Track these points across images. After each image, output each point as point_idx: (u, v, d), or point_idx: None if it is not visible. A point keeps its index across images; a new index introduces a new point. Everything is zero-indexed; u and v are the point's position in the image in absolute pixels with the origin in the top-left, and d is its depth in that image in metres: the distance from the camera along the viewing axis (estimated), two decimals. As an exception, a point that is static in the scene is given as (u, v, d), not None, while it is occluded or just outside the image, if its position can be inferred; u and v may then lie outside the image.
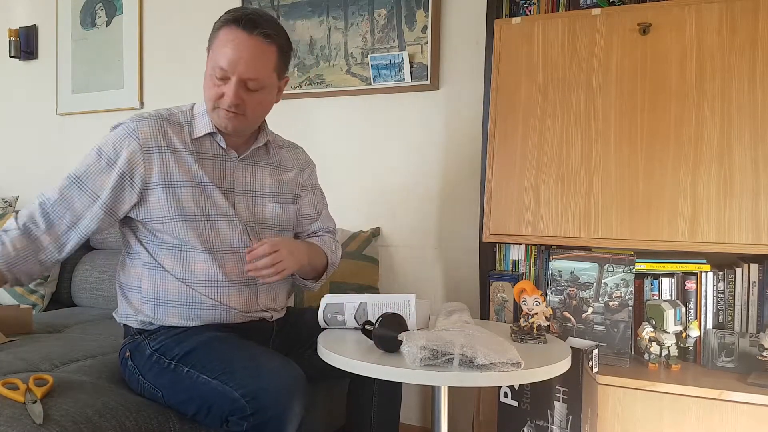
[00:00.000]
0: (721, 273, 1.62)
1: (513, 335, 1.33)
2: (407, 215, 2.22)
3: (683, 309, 1.62)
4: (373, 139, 2.27)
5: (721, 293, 1.62)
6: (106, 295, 2.33)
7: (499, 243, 1.88)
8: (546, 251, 1.81)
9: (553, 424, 1.46)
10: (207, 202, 1.37)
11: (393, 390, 1.57)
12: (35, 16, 3.01)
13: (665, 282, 1.66)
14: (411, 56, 2.13)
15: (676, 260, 1.65)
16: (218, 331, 1.35)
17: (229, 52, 1.29)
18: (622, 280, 1.61)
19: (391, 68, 2.14)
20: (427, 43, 2.12)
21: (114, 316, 1.46)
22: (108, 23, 2.80)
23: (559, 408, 1.45)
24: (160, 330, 1.37)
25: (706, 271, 1.63)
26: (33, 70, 3.03)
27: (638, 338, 1.61)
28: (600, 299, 1.63)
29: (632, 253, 1.62)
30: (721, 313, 1.62)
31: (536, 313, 1.32)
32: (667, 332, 1.58)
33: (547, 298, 1.68)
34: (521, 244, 1.86)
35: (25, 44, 2.99)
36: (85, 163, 1.33)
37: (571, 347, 1.32)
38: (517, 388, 1.53)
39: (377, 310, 1.32)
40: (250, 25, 1.29)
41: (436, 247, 2.18)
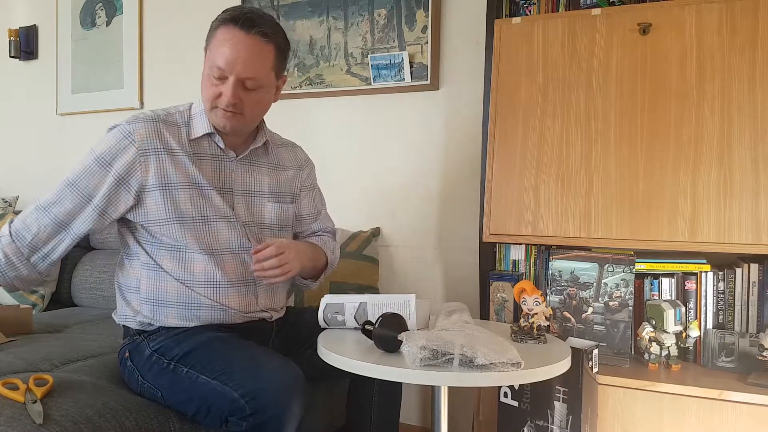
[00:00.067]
0: (721, 273, 1.62)
1: (513, 335, 1.33)
2: (407, 215, 2.22)
3: (683, 309, 1.62)
4: (373, 139, 2.27)
5: (721, 293, 1.62)
6: (106, 295, 2.33)
7: (499, 243, 1.88)
8: (546, 251, 1.81)
9: (553, 424, 1.46)
10: (204, 204, 1.36)
11: (393, 390, 1.57)
12: (35, 16, 3.01)
13: (665, 282, 1.66)
14: (411, 56, 2.13)
15: (676, 260, 1.65)
16: (218, 331, 1.35)
17: (227, 52, 1.28)
18: (622, 280, 1.61)
19: (391, 68, 2.14)
20: (427, 43, 2.12)
21: (113, 317, 1.46)
22: (108, 23, 2.80)
23: (559, 408, 1.45)
24: (160, 330, 1.36)
25: (706, 271, 1.63)
26: (33, 70, 3.03)
27: (638, 338, 1.61)
28: (600, 299, 1.63)
29: (632, 253, 1.62)
30: (721, 313, 1.62)
31: (536, 313, 1.32)
32: (667, 332, 1.58)
33: (547, 298, 1.68)
34: (521, 244, 1.86)
35: (25, 44, 2.99)
36: (80, 165, 1.33)
37: (571, 347, 1.32)
38: (517, 388, 1.53)
39: (377, 310, 1.32)
40: (248, 24, 1.29)
41: (436, 247, 2.18)
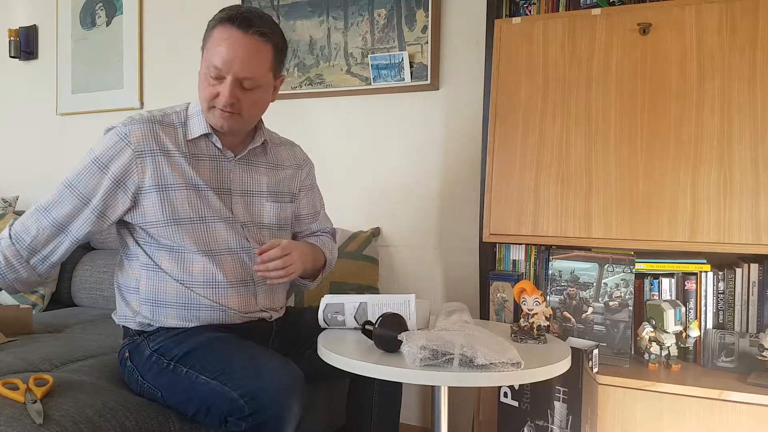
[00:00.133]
0: (721, 273, 1.62)
1: (513, 335, 1.33)
2: (407, 215, 2.22)
3: (683, 309, 1.62)
4: (373, 139, 2.27)
5: (721, 293, 1.62)
6: (106, 295, 2.33)
7: (499, 243, 1.88)
8: (546, 251, 1.81)
9: (553, 424, 1.46)
10: (202, 205, 1.36)
11: (393, 390, 1.57)
12: (35, 16, 3.01)
13: (665, 282, 1.66)
14: (411, 56, 2.13)
15: (676, 260, 1.65)
16: (217, 331, 1.35)
17: (224, 51, 1.28)
18: (622, 280, 1.61)
19: (391, 68, 2.14)
20: (427, 43, 2.12)
21: (113, 317, 1.46)
22: (108, 23, 2.80)
23: (559, 408, 1.45)
24: (159, 331, 1.36)
25: (706, 271, 1.63)
26: (33, 70, 3.03)
27: (638, 338, 1.61)
28: (600, 299, 1.63)
29: (632, 253, 1.62)
30: (721, 313, 1.62)
31: (536, 313, 1.32)
32: (667, 332, 1.58)
33: (547, 298, 1.68)
34: (521, 244, 1.86)
35: (25, 44, 2.99)
36: (78, 167, 1.32)
37: (571, 347, 1.32)
38: (517, 388, 1.53)
39: (377, 310, 1.32)
40: (245, 24, 1.28)
41: (436, 247, 2.18)
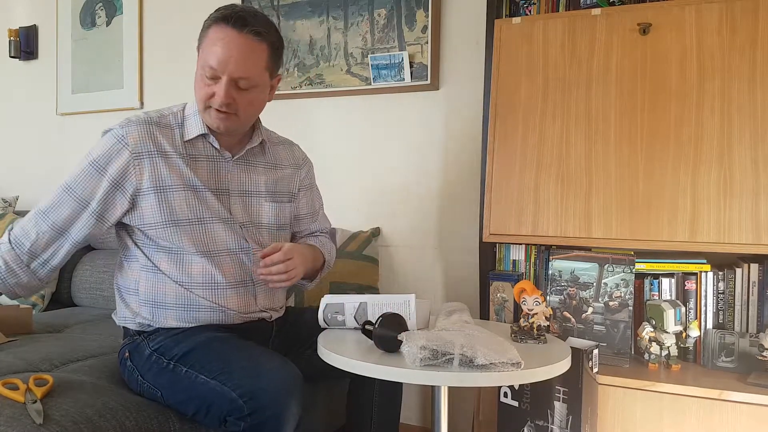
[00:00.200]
0: (721, 273, 1.62)
1: (513, 335, 1.33)
2: (407, 215, 2.22)
3: (683, 309, 1.62)
4: (373, 139, 2.27)
5: (721, 293, 1.62)
6: (106, 295, 2.33)
7: (499, 243, 1.88)
8: (546, 251, 1.81)
9: (553, 424, 1.46)
10: (200, 206, 1.36)
11: (393, 390, 1.57)
12: (35, 16, 3.01)
13: (665, 282, 1.66)
14: (411, 56, 2.13)
15: (676, 260, 1.65)
16: (217, 331, 1.35)
17: (219, 51, 1.27)
18: (622, 280, 1.61)
19: (391, 68, 2.14)
20: (427, 43, 2.12)
21: (113, 317, 1.46)
22: (108, 23, 2.80)
23: (559, 408, 1.45)
24: (159, 330, 1.36)
25: (706, 271, 1.63)
26: (33, 70, 3.03)
27: (638, 338, 1.61)
28: (600, 299, 1.63)
29: (632, 253, 1.62)
30: (721, 313, 1.62)
31: (536, 313, 1.32)
32: (667, 332, 1.58)
33: (547, 298, 1.68)
34: (521, 244, 1.86)
35: (25, 44, 2.99)
36: (76, 170, 1.32)
37: (571, 347, 1.32)
38: (517, 388, 1.53)
39: (377, 310, 1.32)
40: (240, 23, 1.27)
41: (436, 247, 2.18)
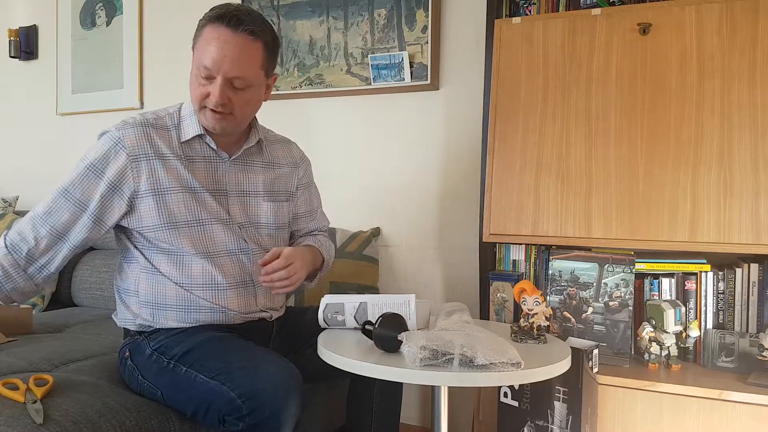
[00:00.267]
0: (721, 273, 1.62)
1: (513, 335, 1.33)
2: (407, 215, 2.22)
3: (683, 309, 1.62)
4: (373, 139, 2.27)
5: (721, 293, 1.62)
6: (106, 295, 2.33)
7: (499, 243, 1.88)
8: (546, 251, 1.81)
9: (553, 424, 1.46)
10: (198, 207, 1.35)
11: (393, 390, 1.57)
12: (35, 16, 3.01)
13: (665, 282, 1.66)
14: (411, 56, 2.13)
15: (676, 260, 1.65)
16: (218, 330, 1.35)
17: (214, 51, 1.26)
18: (622, 280, 1.61)
19: (391, 68, 2.14)
20: (427, 43, 2.12)
21: (113, 318, 1.46)
22: (108, 23, 2.80)
23: (559, 408, 1.45)
24: (160, 330, 1.36)
25: (706, 271, 1.63)
26: (33, 70, 3.03)
27: (638, 338, 1.61)
28: (600, 299, 1.63)
29: (632, 253, 1.62)
30: (721, 313, 1.62)
31: (536, 313, 1.31)
32: (667, 332, 1.58)
33: (547, 298, 1.68)
34: (521, 244, 1.86)
35: (25, 44, 2.99)
36: (73, 174, 1.31)
37: (571, 347, 1.32)
38: (517, 388, 1.53)
39: (377, 310, 1.32)
40: (235, 22, 1.27)
41: (436, 247, 2.18)
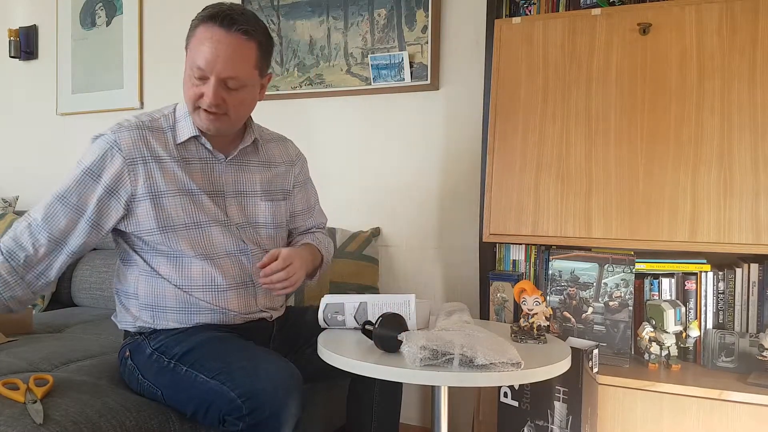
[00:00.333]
0: (721, 273, 1.62)
1: (513, 335, 1.33)
2: (407, 215, 2.22)
3: (683, 309, 1.62)
4: (373, 139, 2.27)
5: (721, 293, 1.62)
6: (107, 295, 2.33)
7: (499, 243, 1.88)
8: (546, 251, 1.81)
9: (553, 424, 1.46)
10: (196, 210, 1.35)
11: (393, 390, 1.57)
12: (35, 16, 3.01)
13: (665, 282, 1.66)
14: (411, 56, 2.13)
15: (676, 260, 1.65)
16: (218, 330, 1.35)
17: (207, 51, 1.25)
18: (622, 280, 1.61)
19: (391, 68, 2.14)
20: (427, 43, 2.12)
21: (113, 320, 1.46)
22: (108, 23, 2.80)
23: (559, 408, 1.45)
24: (161, 330, 1.36)
25: (706, 271, 1.63)
26: (33, 70, 3.03)
27: (638, 338, 1.61)
28: (600, 299, 1.63)
29: (632, 253, 1.62)
30: (721, 313, 1.62)
31: (536, 313, 1.31)
32: (667, 332, 1.58)
33: (547, 298, 1.68)
34: (521, 244, 1.86)
35: (25, 44, 2.99)
36: (68, 179, 1.29)
37: (571, 347, 1.32)
38: (517, 388, 1.53)
39: (377, 310, 1.32)
40: (228, 22, 1.25)
41: (436, 247, 2.18)
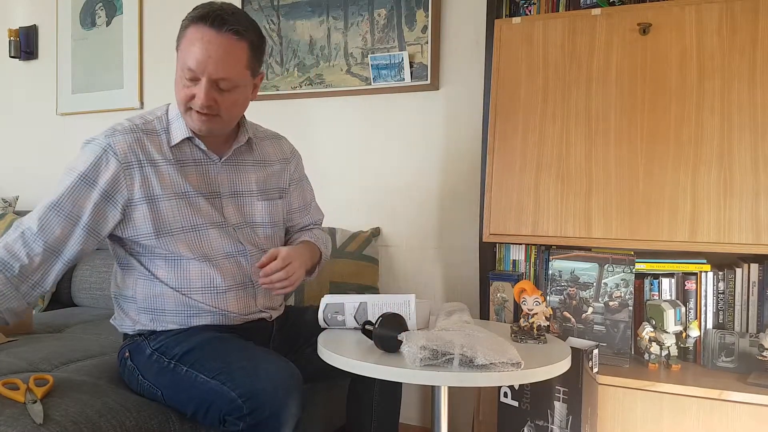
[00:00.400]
0: (721, 273, 1.62)
1: (513, 335, 1.33)
2: (407, 215, 2.22)
3: (683, 309, 1.62)
4: (373, 139, 2.27)
5: (721, 293, 1.62)
6: (107, 294, 2.33)
7: (499, 243, 1.88)
8: (546, 251, 1.81)
9: (553, 424, 1.46)
10: (192, 213, 1.34)
11: (393, 390, 1.57)
12: (35, 16, 3.01)
13: (665, 282, 1.66)
14: (411, 56, 2.13)
15: (676, 260, 1.65)
16: (218, 330, 1.35)
17: (197, 52, 1.24)
18: (622, 280, 1.61)
19: (391, 68, 2.14)
20: (427, 43, 2.12)
21: (112, 323, 1.45)
22: (108, 23, 2.80)
23: (559, 408, 1.45)
24: (160, 331, 1.36)
25: (706, 271, 1.63)
26: (33, 70, 3.03)
27: (638, 338, 1.61)
28: (600, 299, 1.63)
29: (632, 253, 1.62)
30: (721, 313, 1.62)
31: (536, 313, 1.31)
32: (667, 332, 1.58)
33: (547, 298, 1.68)
34: (521, 244, 1.86)
35: (25, 44, 2.99)
36: (62, 186, 1.26)
37: (571, 347, 1.32)
38: (517, 388, 1.53)
39: (377, 310, 1.32)
40: (219, 22, 1.24)
41: (436, 247, 2.18)
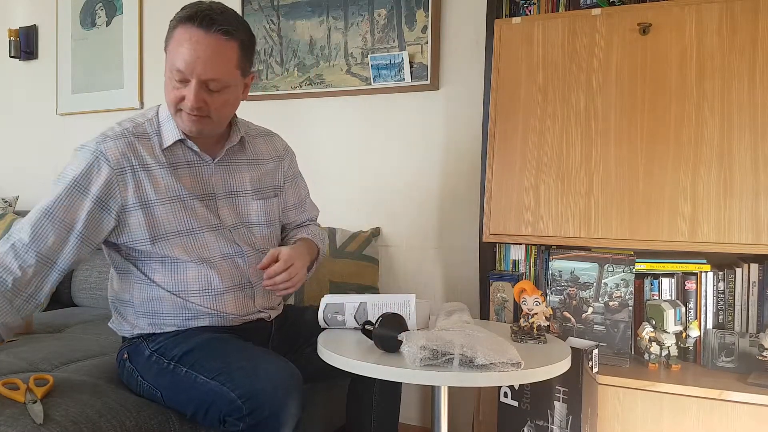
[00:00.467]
0: (721, 273, 1.62)
1: (513, 335, 1.33)
2: (407, 215, 2.22)
3: (683, 309, 1.62)
4: (373, 139, 2.27)
5: (721, 293, 1.62)
6: (106, 294, 2.32)
7: (499, 243, 1.88)
8: (546, 251, 1.81)
9: (553, 424, 1.46)
10: (188, 216, 1.33)
11: (393, 390, 1.57)
12: (35, 16, 3.01)
13: (665, 282, 1.66)
14: (411, 56, 2.13)
15: (676, 260, 1.65)
16: (217, 331, 1.35)
17: (186, 53, 1.22)
18: (622, 280, 1.61)
19: (391, 68, 2.14)
20: (427, 43, 2.12)
21: (110, 326, 1.45)
22: (108, 23, 2.80)
23: (559, 408, 1.45)
24: (159, 333, 1.36)
25: (706, 271, 1.63)
26: (33, 70, 3.03)
27: (638, 338, 1.61)
28: (600, 299, 1.63)
29: (632, 253, 1.62)
30: (721, 313, 1.62)
31: (536, 313, 1.32)
32: (667, 332, 1.58)
33: (547, 298, 1.68)
34: (521, 244, 1.86)
35: (25, 44, 2.99)
36: (54, 195, 1.23)
37: (571, 347, 1.32)
38: (517, 388, 1.53)
39: (377, 310, 1.32)
40: (207, 22, 1.22)
41: (436, 247, 2.18)
